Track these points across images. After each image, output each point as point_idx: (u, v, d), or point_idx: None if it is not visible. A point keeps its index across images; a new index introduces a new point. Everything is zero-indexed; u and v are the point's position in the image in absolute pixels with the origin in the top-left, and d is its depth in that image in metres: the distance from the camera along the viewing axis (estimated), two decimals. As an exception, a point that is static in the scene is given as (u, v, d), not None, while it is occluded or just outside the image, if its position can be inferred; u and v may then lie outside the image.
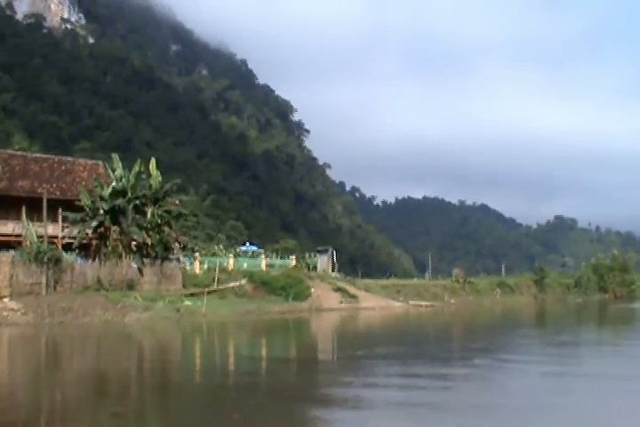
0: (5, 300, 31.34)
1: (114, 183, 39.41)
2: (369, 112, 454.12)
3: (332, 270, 56.32)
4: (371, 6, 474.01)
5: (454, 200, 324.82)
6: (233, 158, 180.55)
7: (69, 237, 38.65)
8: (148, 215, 39.76)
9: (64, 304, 31.73)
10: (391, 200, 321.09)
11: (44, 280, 33.32)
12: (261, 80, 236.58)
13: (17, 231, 42.05)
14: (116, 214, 38.40)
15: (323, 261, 57.17)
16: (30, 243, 36.12)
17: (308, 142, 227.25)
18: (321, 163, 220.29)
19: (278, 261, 53.65)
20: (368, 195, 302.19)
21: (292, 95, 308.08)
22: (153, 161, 42.55)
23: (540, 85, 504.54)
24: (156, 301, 35.45)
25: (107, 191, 38.91)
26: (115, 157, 43.47)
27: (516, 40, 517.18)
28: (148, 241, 39.36)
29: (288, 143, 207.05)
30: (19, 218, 43.44)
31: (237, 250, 77.73)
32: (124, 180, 39.71)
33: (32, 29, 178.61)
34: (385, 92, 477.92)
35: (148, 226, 39.79)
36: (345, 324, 36.96)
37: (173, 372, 16.58)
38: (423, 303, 48.68)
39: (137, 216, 39.00)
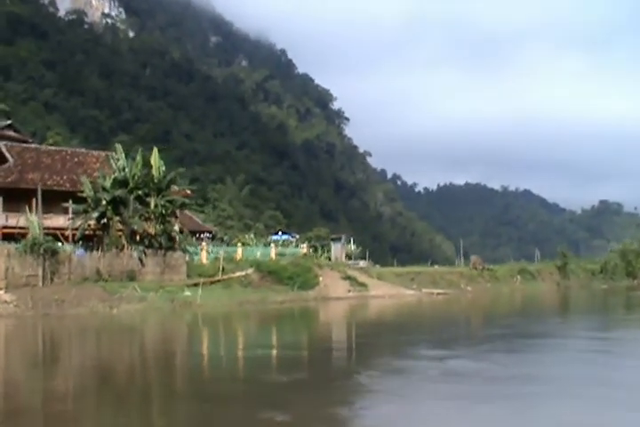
0: (0, 292, 31.56)
1: (116, 174, 39.37)
2: (410, 99, 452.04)
3: (348, 258, 55.67)
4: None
5: (497, 186, 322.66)
6: (273, 148, 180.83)
7: (73, 229, 38.74)
8: (152, 205, 39.62)
9: (58, 296, 31.92)
10: (433, 187, 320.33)
11: (40, 272, 33.53)
12: (301, 69, 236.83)
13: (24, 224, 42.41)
14: (117, 205, 38.41)
15: (336, 249, 56.62)
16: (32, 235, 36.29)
17: (349, 131, 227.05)
18: (361, 151, 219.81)
19: (288, 250, 53.19)
20: (410, 182, 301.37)
21: (331, 84, 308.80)
22: (155, 151, 42.49)
23: (583, 69, 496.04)
24: (156, 291, 35.40)
25: (108, 182, 38.91)
26: (118, 147, 43.56)
27: (559, 24, 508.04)
28: (151, 231, 39.31)
29: (328, 132, 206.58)
30: (30, 210, 43.78)
31: (269, 239, 77.86)
32: (126, 170, 39.65)
33: (74, 26, 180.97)
34: (426, 78, 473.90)
35: (152, 216, 39.70)
36: (348, 313, 36.50)
37: (122, 370, 15.97)
38: (436, 291, 47.81)
39: (139, 206, 38.92)
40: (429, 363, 15.54)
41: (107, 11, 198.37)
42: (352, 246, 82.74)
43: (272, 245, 52.08)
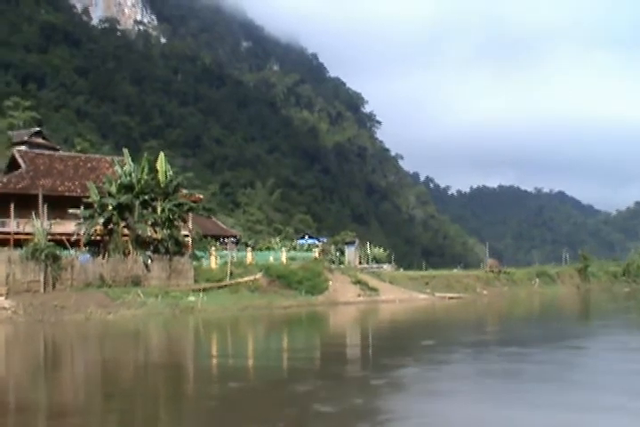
0: (1, 298, 31.66)
1: (122, 178, 39.31)
2: (442, 101, 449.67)
3: (366, 262, 55.10)
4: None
5: (530, 188, 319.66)
6: (304, 152, 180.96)
7: (79, 234, 38.73)
8: (158, 210, 39.49)
9: (57, 302, 31.87)
10: (466, 190, 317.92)
11: (42, 278, 33.53)
12: (332, 73, 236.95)
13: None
14: (123, 210, 38.35)
15: (350, 253, 56.04)
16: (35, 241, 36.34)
17: (380, 134, 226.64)
18: (393, 154, 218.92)
19: (300, 254, 52.75)
20: (442, 185, 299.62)
21: (362, 87, 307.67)
22: (161, 155, 42.40)
23: (616, 68, 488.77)
24: (160, 296, 35.22)
25: (114, 187, 38.86)
26: (125, 152, 43.64)
27: (588, 23, 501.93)
28: (157, 236, 39.17)
29: (359, 135, 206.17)
30: (38, 216, 43.97)
31: (294, 243, 77.64)
32: (133, 175, 39.57)
33: (106, 33, 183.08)
34: (457, 80, 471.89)
35: (159, 221, 39.57)
36: (352, 319, 35.89)
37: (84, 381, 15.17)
38: (450, 295, 47.01)
39: (145, 211, 38.81)
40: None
41: (139, 18, 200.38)
42: (379, 250, 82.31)
43: (282, 249, 51.63)
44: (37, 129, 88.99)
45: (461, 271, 58.49)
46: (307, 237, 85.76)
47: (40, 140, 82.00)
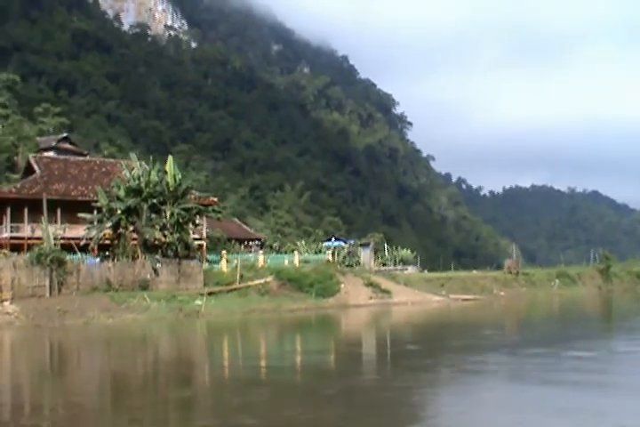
0: (6, 303, 31.87)
1: (130, 182, 39.28)
2: (474, 102, 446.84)
3: (385, 264, 54.52)
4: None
5: (564, 188, 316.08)
6: (334, 154, 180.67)
7: (88, 239, 38.75)
8: (167, 214, 39.38)
9: (60, 306, 31.86)
10: (498, 190, 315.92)
11: (47, 282, 33.57)
12: (362, 75, 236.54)
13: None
14: (131, 214, 38.32)
15: (365, 255, 55.48)
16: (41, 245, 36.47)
17: (411, 135, 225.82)
18: (424, 155, 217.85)
19: (313, 257, 52.32)
20: (475, 186, 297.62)
21: (393, 88, 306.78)
22: (170, 159, 42.28)
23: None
24: (166, 300, 35.11)
25: (122, 191, 38.84)
26: (133, 156, 43.72)
27: (622, 22, 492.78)
28: (164, 240, 39.06)
29: (390, 137, 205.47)
30: (55, 221, 44.26)
31: (320, 245, 77.35)
32: (142, 179, 39.51)
33: (137, 39, 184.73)
34: (489, 80, 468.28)
35: (168, 225, 39.46)
36: (360, 322, 35.47)
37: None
38: (465, 297, 46.22)
39: (153, 215, 38.71)
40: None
41: (169, 23, 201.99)
42: (406, 251, 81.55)
43: (295, 252, 51.26)
44: (65, 135, 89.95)
45: (479, 273, 57.47)
46: (334, 240, 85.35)
47: (68, 146, 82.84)
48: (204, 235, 49.98)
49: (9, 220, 43.39)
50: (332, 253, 53.27)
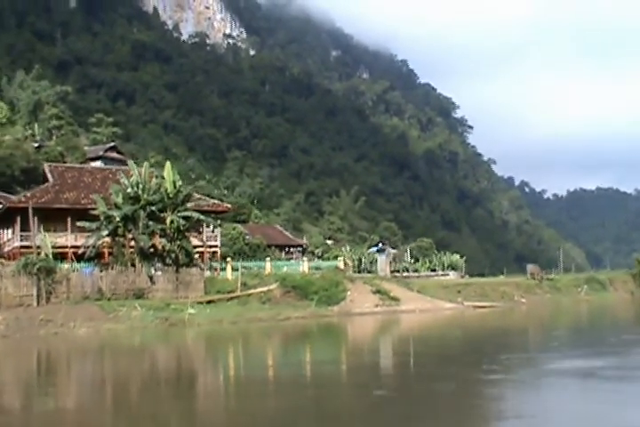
0: (-9, 312, 31.63)
1: (128, 190, 38.91)
2: (536, 104, 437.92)
3: (392, 271, 52.99)
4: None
5: (630, 190, 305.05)
6: (393, 160, 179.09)
7: (86, 247, 38.50)
8: (168, 222, 38.85)
9: (44, 316, 31.54)
10: (562, 193, 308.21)
11: (34, 292, 33.36)
12: (422, 79, 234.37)
13: (60, 243, 42.84)
14: (128, 222, 37.91)
15: (382, 261, 53.95)
16: (39, 254, 36.38)
17: (472, 139, 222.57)
18: (486, 158, 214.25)
19: (325, 264, 51.09)
20: (538, 189, 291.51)
21: (453, 92, 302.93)
22: (168, 165, 41.68)
23: None
24: (158, 309, 34.50)
25: (120, 199, 38.49)
26: (130, 163, 43.27)
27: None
28: (167, 247, 38.50)
29: (450, 141, 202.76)
30: (65, 229, 44.33)
31: (365, 251, 76.30)
32: (140, 186, 39.09)
33: (196, 48, 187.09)
34: (552, 82, 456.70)
35: (168, 232, 38.94)
36: (356, 333, 33.96)
37: None
38: (481, 304, 44.22)
39: (151, 223, 38.19)
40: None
41: (228, 31, 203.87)
42: (455, 256, 79.62)
43: (304, 259, 50.16)
44: (112, 144, 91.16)
45: (500, 279, 55.21)
46: (380, 245, 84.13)
47: (114, 155, 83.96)
48: (219, 242, 49.33)
49: (19, 228, 43.55)
50: (345, 261, 51.91)
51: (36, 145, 75.36)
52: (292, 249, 76.07)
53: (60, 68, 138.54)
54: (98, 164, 74.24)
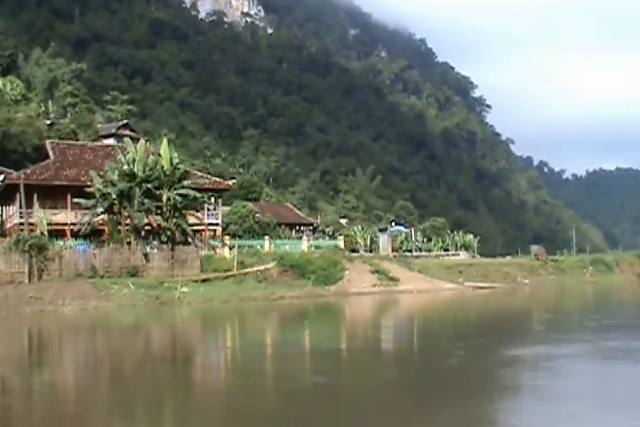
0: (-19, 289, 31.72)
1: (125, 167, 38.70)
2: (554, 83, 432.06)
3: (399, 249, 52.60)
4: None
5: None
6: (410, 138, 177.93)
7: (81, 224, 38.39)
8: (164, 199, 38.66)
9: (34, 293, 31.58)
10: (582, 173, 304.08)
11: (26, 269, 33.37)
12: (440, 58, 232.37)
13: (62, 220, 42.86)
14: (123, 199, 37.75)
15: (384, 241, 53.52)
16: (32, 231, 36.40)
17: (490, 118, 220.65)
18: (504, 138, 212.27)
19: (326, 243, 50.76)
20: (557, 169, 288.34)
21: (472, 71, 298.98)
22: (165, 142, 41.43)
23: None
24: (151, 288, 34.46)
25: (115, 176, 38.30)
26: (127, 140, 43.04)
27: None
28: (161, 225, 38.33)
29: (468, 120, 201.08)
30: (65, 206, 44.30)
31: (374, 230, 75.92)
32: (136, 162, 38.83)
33: (214, 26, 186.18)
34: (572, 61, 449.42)
35: (165, 210, 38.78)
36: (347, 313, 33.72)
37: None
38: (482, 285, 43.76)
39: (146, 200, 37.97)
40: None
41: (246, 10, 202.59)
42: (469, 236, 79.17)
43: (304, 237, 49.88)
44: (125, 122, 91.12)
45: (504, 259, 54.57)
46: (394, 224, 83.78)
47: (127, 132, 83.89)
48: (220, 220, 49.11)
49: (18, 206, 43.55)
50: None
51: (49, 122, 75.47)
52: (302, 228, 75.87)
53: (78, 45, 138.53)
54: (110, 141, 74.12)
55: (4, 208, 49.01)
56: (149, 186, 38.55)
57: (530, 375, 13.72)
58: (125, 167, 38.73)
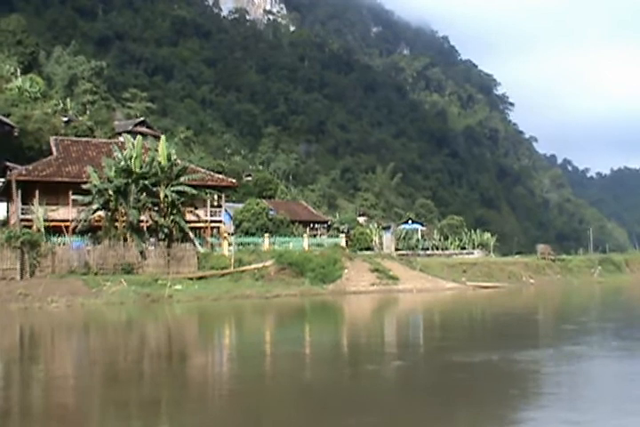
0: (-28, 284, 31.69)
1: (122, 163, 38.51)
2: (579, 80, 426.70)
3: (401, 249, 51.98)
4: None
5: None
6: (432, 136, 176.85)
7: (78, 221, 38.26)
8: (161, 196, 38.44)
9: (23, 290, 31.48)
10: (606, 172, 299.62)
11: (18, 265, 33.29)
12: (463, 56, 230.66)
13: (62, 217, 42.84)
14: (119, 195, 37.56)
15: (387, 239, 52.87)
16: (26, 227, 36.41)
17: (513, 116, 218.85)
18: (527, 136, 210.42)
19: (328, 240, 50.25)
20: (581, 167, 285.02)
21: (495, 69, 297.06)
22: (162, 139, 41.31)
23: None
24: (144, 285, 34.24)
25: (112, 172, 38.13)
26: (125, 136, 42.83)
27: None
28: (157, 222, 38.11)
29: (491, 118, 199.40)
30: (67, 203, 44.26)
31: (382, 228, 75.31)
32: (133, 159, 38.64)
33: (236, 24, 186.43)
34: (596, 58, 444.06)
35: (161, 206, 38.56)
36: (337, 313, 33.05)
37: None
38: (485, 284, 42.97)
39: (142, 197, 37.78)
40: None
41: (268, 7, 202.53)
42: (486, 235, 78.35)
43: (305, 235, 49.42)
44: (142, 119, 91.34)
45: (509, 258, 53.59)
46: (410, 222, 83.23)
47: (144, 129, 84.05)
48: (223, 217, 48.84)
49: (19, 202, 43.61)
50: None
51: (65, 119, 75.71)
52: (317, 225, 75.43)
53: (101, 43, 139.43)
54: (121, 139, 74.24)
55: (9, 204, 49.20)
56: (146, 182, 38.38)
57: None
58: (122, 163, 38.54)
